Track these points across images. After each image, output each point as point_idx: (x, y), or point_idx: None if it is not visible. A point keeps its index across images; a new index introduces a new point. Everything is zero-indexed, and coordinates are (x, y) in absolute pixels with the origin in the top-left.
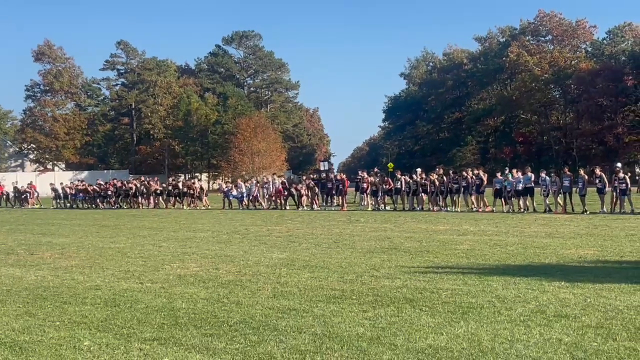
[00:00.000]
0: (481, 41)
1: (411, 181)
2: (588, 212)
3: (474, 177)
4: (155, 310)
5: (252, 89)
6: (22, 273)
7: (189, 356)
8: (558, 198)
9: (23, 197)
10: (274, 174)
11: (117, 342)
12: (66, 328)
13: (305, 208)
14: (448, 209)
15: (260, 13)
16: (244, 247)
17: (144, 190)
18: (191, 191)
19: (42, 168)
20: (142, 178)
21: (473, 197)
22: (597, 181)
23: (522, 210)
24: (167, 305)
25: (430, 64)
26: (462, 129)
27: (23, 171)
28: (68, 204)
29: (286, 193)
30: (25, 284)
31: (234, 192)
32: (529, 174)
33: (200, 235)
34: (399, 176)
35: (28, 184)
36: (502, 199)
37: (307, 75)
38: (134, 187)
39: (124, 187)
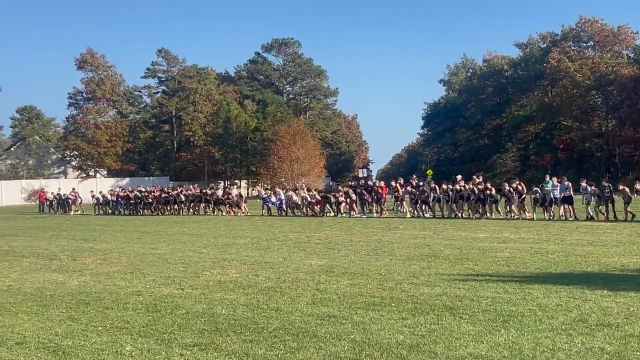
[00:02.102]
0: (521, 47)
1: (449, 188)
2: (631, 219)
3: (512, 190)
4: (195, 316)
5: (291, 96)
6: (65, 278)
7: None
8: (600, 207)
9: (65, 203)
10: (308, 189)
11: (159, 347)
12: (108, 333)
13: (343, 215)
14: (488, 215)
15: (299, 20)
16: (283, 253)
17: (182, 198)
18: (228, 199)
19: (84, 175)
20: (176, 187)
21: (513, 206)
22: (636, 194)
23: (562, 217)
24: (208, 311)
25: (470, 70)
26: (502, 136)
27: (66, 178)
28: (109, 211)
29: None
30: (68, 289)
31: (273, 199)
32: (566, 182)
33: (240, 242)
34: (432, 185)
35: (71, 190)
36: (543, 207)
37: (346, 82)
38: (173, 195)
39: (162, 195)
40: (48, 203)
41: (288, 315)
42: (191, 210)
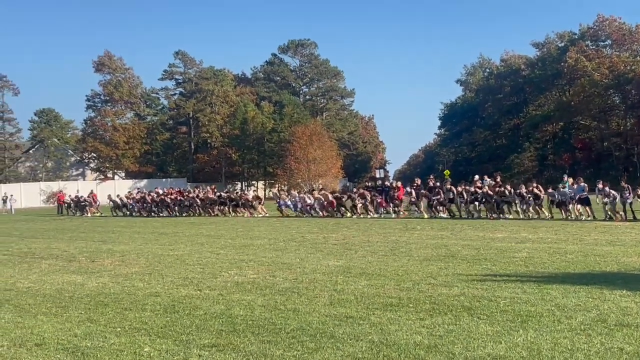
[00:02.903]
0: (539, 47)
1: (465, 189)
2: None
3: (528, 193)
4: (213, 317)
5: (307, 97)
6: (84, 280)
7: None
8: (616, 207)
9: (83, 205)
10: (320, 189)
11: (177, 348)
12: (127, 334)
13: (360, 216)
14: (506, 215)
15: (315, 21)
16: (300, 254)
17: (198, 202)
18: (242, 201)
19: (102, 177)
20: (193, 189)
21: (530, 207)
22: None
23: (580, 217)
24: (225, 312)
25: (487, 70)
26: (520, 136)
27: (84, 180)
28: (127, 212)
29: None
30: (86, 291)
31: (287, 202)
32: (582, 184)
33: (257, 243)
34: (449, 186)
35: (89, 193)
36: (560, 207)
37: (363, 83)
38: (189, 198)
39: (178, 198)
40: (66, 205)
41: (306, 316)
42: (208, 212)
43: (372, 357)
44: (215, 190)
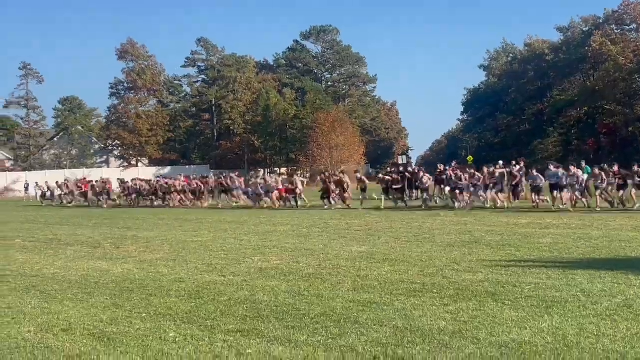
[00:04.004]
0: (563, 31)
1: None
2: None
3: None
4: (238, 302)
5: (329, 83)
6: (109, 266)
7: (271, 348)
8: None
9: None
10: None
11: (202, 333)
12: (152, 320)
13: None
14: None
15: (337, 7)
16: (323, 240)
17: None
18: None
19: (126, 164)
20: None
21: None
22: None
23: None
24: (250, 297)
25: (511, 55)
26: (544, 121)
27: (108, 167)
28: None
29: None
30: (112, 277)
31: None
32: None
33: (281, 229)
34: (472, 171)
35: (99, 180)
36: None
37: (385, 69)
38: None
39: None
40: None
41: (329, 302)
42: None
43: (396, 343)
44: (239, 176)
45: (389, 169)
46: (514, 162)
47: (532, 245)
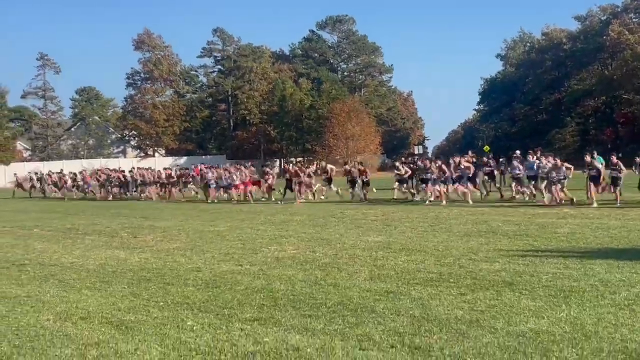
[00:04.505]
0: (581, 20)
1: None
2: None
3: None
4: (254, 291)
5: (345, 73)
6: (127, 255)
7: (288, 336)
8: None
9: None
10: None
11: (219, 322)
12: (169, 308)
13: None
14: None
15: None
16: (339, 230)
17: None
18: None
19: (143, 154)
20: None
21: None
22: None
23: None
24: (266, 286)
25: (528, 44)
26: (561, 111)
27: (125, 157)
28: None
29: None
30: (129, 266)
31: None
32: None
33: (297, 219)
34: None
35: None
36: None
37: (401, 59)
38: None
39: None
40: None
41: (346, 291)
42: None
43: (413, 332)
44: (252, 167)
45: (403, 159)
46: (530, 152)
47: (549, 235)
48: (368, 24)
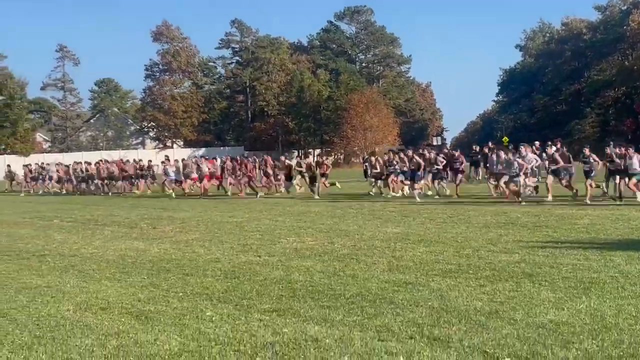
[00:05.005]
0: (601, 10)
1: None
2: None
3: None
4: (273, 282)
5: (364, 64)
6: (146, 246)
7: (307, 327)
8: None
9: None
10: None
11: (238, 312)
12: (189, 299)
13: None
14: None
15: None
16: (358, 221)
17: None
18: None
19: (161, 145)
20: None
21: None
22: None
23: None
24: (285, 277)
25: (547, 34)
26: (581, 101)
27: (144, 149)
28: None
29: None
30: (149, 257)
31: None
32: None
33: (315, 210)
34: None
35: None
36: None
37: (420, 50)
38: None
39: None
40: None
41: (365, 282)
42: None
43: (432, 323)
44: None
45: (420, 150)
46: (549, 143)
47: (569, 226)
48: (386, 14)
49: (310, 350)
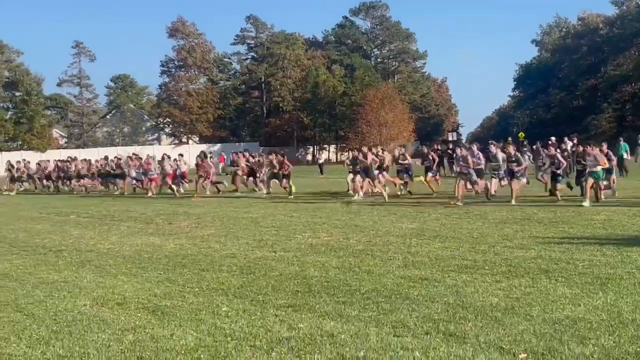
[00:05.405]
0: (618, 4)
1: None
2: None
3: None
4: (288, 278)
5: (379, 59)
6: (162, 241)
7: (323, 323)
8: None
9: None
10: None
11: (254, 308)
12: (204, 294)
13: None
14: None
15: None
16: (373, 217)
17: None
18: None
19: (177, 141)
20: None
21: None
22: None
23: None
24: (300, 273)
25: (564, 29)
26: (597, 97)
27: (159, 144)
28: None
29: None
30: (165, 252)
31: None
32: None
33: (330, 206)
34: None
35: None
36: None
37: (435, 45)
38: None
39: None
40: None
41: (380, 278)
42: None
43: (447, 319)
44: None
45: (435, 146)
46: (566, 139)
47: (585, 221)
48: (401, 9)
49: (326, 346)
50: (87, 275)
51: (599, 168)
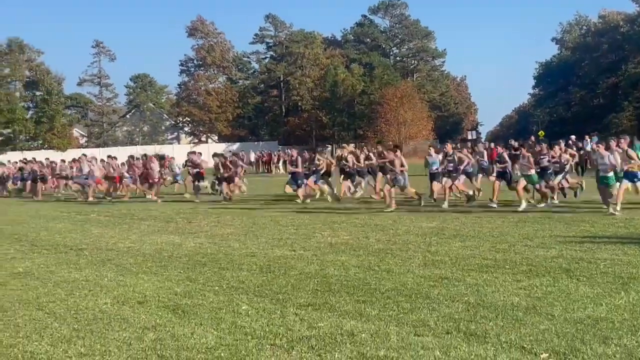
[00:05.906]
0: (638, 2)
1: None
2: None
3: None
4: (308, 276)
5: (398, 58)
6: (182, 240)
7: (343, 322)
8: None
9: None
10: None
11: (274, 307)
12: (225, 293)
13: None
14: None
15: None
16: (392, 216)
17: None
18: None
19: (196, 140)
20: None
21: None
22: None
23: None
24: (320, 272)
25: (584, 27)
26: (618, 95)
27: (179, 144)
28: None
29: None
30: (185, 251)
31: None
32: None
33: (349, 205)
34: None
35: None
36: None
37: (454, 43)
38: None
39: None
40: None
41: (400, 277)
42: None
43: (468, 318)
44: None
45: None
46: (587, 137)
47: (606, 220)
48: (421, 8)
49: (346, 345)
50: (107, 274)
51: (611, 174)
